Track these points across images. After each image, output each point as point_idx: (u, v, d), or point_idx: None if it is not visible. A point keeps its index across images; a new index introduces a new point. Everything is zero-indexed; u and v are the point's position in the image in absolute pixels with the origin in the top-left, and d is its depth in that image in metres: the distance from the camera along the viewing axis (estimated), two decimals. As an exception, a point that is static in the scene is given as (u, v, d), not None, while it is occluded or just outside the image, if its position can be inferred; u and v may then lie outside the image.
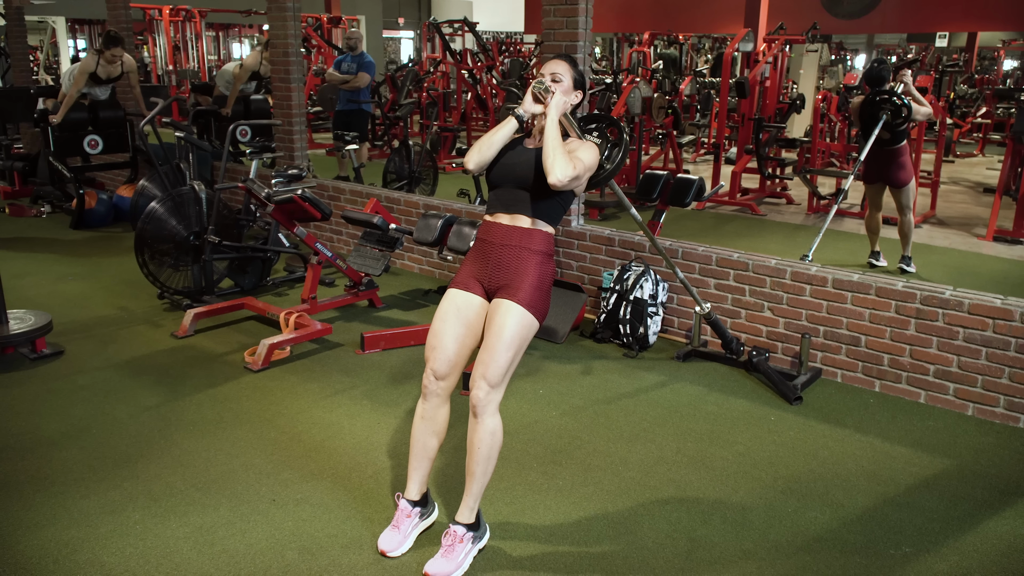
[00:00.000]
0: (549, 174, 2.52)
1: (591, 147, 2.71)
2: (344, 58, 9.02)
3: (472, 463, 2.57)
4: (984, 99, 15.44)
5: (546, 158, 2.54)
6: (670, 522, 2.89)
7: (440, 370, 2.64)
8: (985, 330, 3.69)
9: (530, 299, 2.59)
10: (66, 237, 7.02)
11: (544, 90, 2.66)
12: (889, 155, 5.96)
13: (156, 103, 5.89)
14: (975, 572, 2.64)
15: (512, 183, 2.68)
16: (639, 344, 4.51)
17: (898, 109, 5.76)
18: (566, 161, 2.53)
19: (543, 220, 2.67)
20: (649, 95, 9.71)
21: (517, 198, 2.67)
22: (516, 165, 2.68)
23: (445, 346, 2.64)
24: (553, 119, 2.62)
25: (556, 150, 2.54)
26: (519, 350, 2.59)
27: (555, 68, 2.72)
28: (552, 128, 2.59)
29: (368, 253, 4.98)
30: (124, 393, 3.90)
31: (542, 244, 2.67)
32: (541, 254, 2.66)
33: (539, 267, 2.64)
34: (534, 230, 2.66)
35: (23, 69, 9.97)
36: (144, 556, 2.64)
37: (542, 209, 2.66)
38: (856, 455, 3.40)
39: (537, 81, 2.69)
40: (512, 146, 2.75)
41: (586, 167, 2.65)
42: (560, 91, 2.68)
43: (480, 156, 2.70)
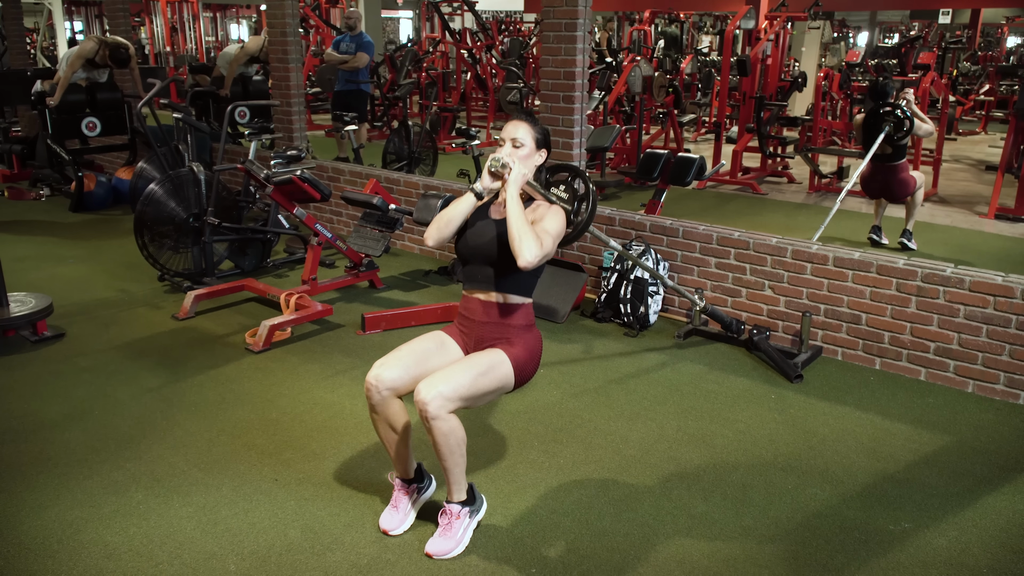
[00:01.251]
0: (518, 258, 2.42)
1: (557, 213, 2.62)
2: (343, 38, 8.96)
3: (440, 460, 2.51)
4: (987, 76, 15.36)
5: (512, 242, 2.43)
6: (671, 499, 2.90)
7: (388, 376, 2.52)
8: (986, 307, 3.69)
9: (515, 354, 2.58)
10: (65, 220, 7.01)
11: (501, 166, 2.55)
12: (890, 171, 6.05)
13: (154, 84, 5.86)
14: (974, 547, 2.66)
15: (480, 260, 2.61)
16: (640, 323, 4.51)
17: (900, 122, 5.83)
18: (533, 241, 2.42)
19: (518, 294, 2.63)
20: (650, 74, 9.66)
21: (487, 275, 2.61)
22: (481, 244, 2.60)
23: (406, 355, 2.58)
24: (514, 195, 2.50)
25: (521, 231, 2.43)
26: (486, 388, 2.49)
27: (515, 133, 2.62)
28: (514, 207, 2.47)
29: (368, 234, 4.98)
30: (126, 375, 3.91)
31: (523, 318, 2.64)
32: (522, 327, 2.64)
33: (523, 337, 2.62)
34: (511, 305, 2.62)
35: (20, 51, 9.92)
36: (147, 535, 2.66)
37: (515, 283, 2.60)
38: (856, 432, 3.41)
39: (493, 158, 2.57)
40: (478, 215, 2.66)
41: (554, 237, 2.55)
42: (521, 159, 2.59)
43: (439, 234, 2.62)
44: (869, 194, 6.30)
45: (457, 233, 2.67)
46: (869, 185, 6.21)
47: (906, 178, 6.03)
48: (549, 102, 4.93)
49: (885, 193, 6.16)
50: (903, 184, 6.04)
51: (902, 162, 6.02)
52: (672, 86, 10.18)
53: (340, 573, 2.49)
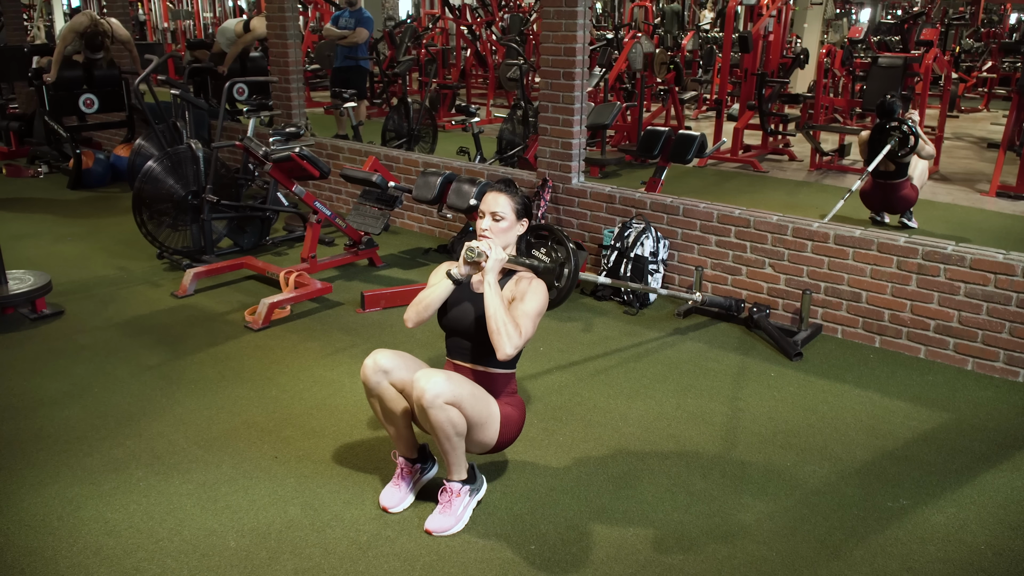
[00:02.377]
0: (497, 351, 2.44)
1: (538, 289, 2.60)
2: (342, 13, 8.89)
3: (440, 444, 2.53)
4: (990, 53, 15.25)
5: (491, 335, 2.45)
6: (670, 477, 2.91)
7: (383, 361, 2.56)
8: (986, 285, 3.68)
9: (507, 413, 2.63)
10: (64, 197, 6.99)
11: (477, 255, 2.52)
12: (892, 188, 6.08)
13: (151, 60, 5.82)
14: (972, 524, 2.66)
15: (462, 335, 2.65)
16: (640, 301, 4.50)
17: (906, 137, 5.83)
18: (512, 332, 2.44)
19: (501, 367, 2.65)
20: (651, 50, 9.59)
21: (470, 350, 2.65)
22: (463, 319, 2.62)
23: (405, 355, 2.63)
24: (492, 283, 2.49)
25: (500, 323, 2.44)
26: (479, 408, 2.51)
27: (495, 207, 2.61)
28: (492, 298, 2.47)
29: (367, 212, 4.96)
30: (125, 352, 3.91)
31: (504, 387, 2.68)
32: (506, 394, 2.68)
33: (506, 407, 2.65)
34: (495, 375, 2.65)
35: (17, 28, 9.85)
36: (148, 512, 2.67)
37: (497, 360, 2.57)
38: (855, 410, 3.42)
39: (467, 247, 2.54)
40: (460, 292, 2.66)
41: (535, 318, 2.55)
42: (500, 232, 2.59)
43: (418, 317, 2.62)
44: (870, 208, 6.33)
45: (440, 311, 2.69)
46: (870, 199, 6.25)
47: (907, 194, 6.07)
48: (549, 79, 4.89)
49: (886, 207, 6.22)
50: (905, 199, 6.09)
51: (904, 180, 6.04)
52: (673, 63, 10.11)
53: (340, 549, 2.50)
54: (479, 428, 2.54)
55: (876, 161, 5.86)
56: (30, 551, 2.48)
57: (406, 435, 2.70)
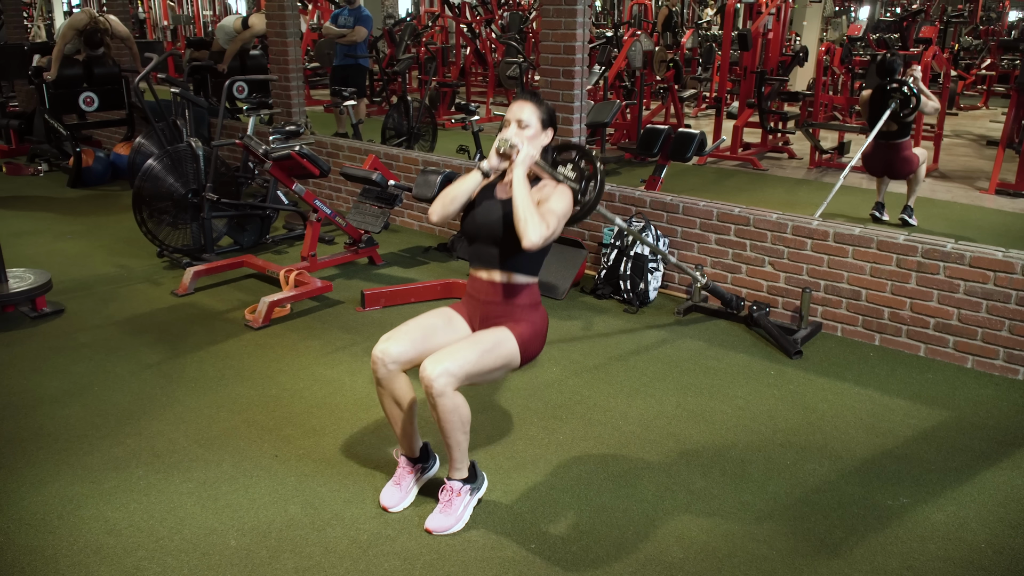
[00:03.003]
0: (523, 238, 2.42)
1: (564, 193, 2.61)
2: (341, 12, 8.88)
3: (445, 437, 2.52)
4: (989, 50, 15.24)
5: (517, 223, 2.44)
6: (670, 475, 2.91)
7: (394, 351, 2.51)
8: (986, 283, 3.68)
9: (520, 332, 2.57)
10: (64, 195, 6.99)
11: (509, 147, 2.55)
12: (894, 148, 6.02)
13: (151, 59, 5.81)
14: (972, 522, 2.67)
15: (486, 239, 2.61)
16: (639, 300, 4.51)
17: (907, 99, 5.79)
18: (538, 222, 2.43)
19: (524, 273, 2.62)
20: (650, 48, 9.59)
21: (493, 255, 2.61)
22: (487, 223, 2.59)
23: (414, 329, 2.58)
24: (520, 177, 2.51)
25: (527, 212, 2.44)
26: (492, 364, 2.48)
27: (520, 114, 2.60)
28: (520, 188, 2.48)
29: (367, 210, 4.96)
30: (125, 351, 3.91)
31: (528, 298, 2.64)
32: (528, 307, 2.64)
33: (529, 317, 2.62)
34: (516, 285, 2.62)
35: (17, 25, 9.84)
36: (148, 511, 2.67)
37: (520, 263, 2.59)
38: (855, 408, 3.42)
39: (501, 138, 2.56)
40: (484, 195, 2.66)
41: (560, 218, 2.54)
42: (528, 140, 2.58)
43: (444, 211, 2.62)
44: (871, 171, 6.28)
45: (463, 211, 2.67)
46: (872, 162, 6.18)
47: (909, 155, 6.01)
48: (549, 77, 4.89)
49: (888, 171, 6.14)
50: (906, 161, 6.02)
51: (906, 140, 5.99)
52: (673, 61, 10.10)
53: (340, 549, 2.50)
54: (500, 369, 2.54)
55: (878, 126, 5.81)
56: (30, 550, 2.48)
57: (409, 431, 2.70)
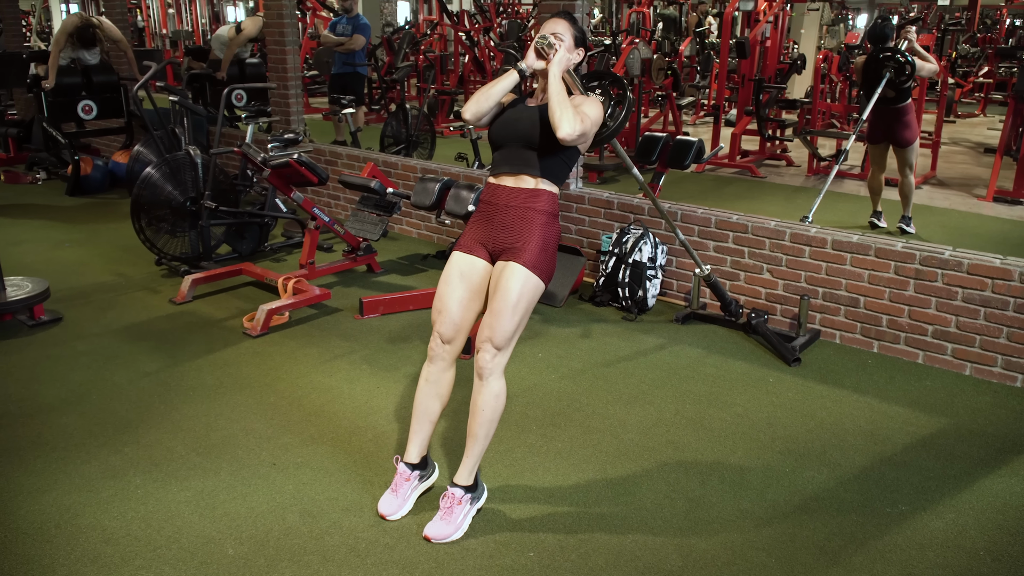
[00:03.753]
0: (558, 129, 2.46)
1: (595, 102, 2.66)
2: (339, 20, 8.90)
3: (475, 425, 2.57)
4: (986, 58, 15.29)
5: (553, 113, 2.48)
6: (668, 483, 2.91)
7: (446, 333, 2.63)
8: (984, 290, 3.69)
9: (536, 260, 2.56)
10: (62, 203, 6.99)
11: (548, 45, 2.60)
12: (894, 113, 5.92)
13: (149, 67, 5.82)
14: (971, 530, 2.66)
15: (516, 141, 2.63)
16: (638, 307, 4.51)
17: (901, 66, 5.71)
18: (574, 115, 2.48)
19: (548, 179, 2.63)
20: (648, 56, 9.61)
21: (521, 157, 2.62)
22: (519, 122, 2.63)
23: (450, 310, 2.62)
24: (556, 75, 2.56)
25: (563, 104, 2.48)
26: (525, 313, 2.56)
27: (555, 28, 2.65)
28: (556, 83, 2.54)
29: (366, 218, 4.96)
30: (123, 359, 3.90)
31: (547, 204, 2.63)
32: (546, 214, 2.62)
33: (544, 227, 2.61)
34: (539, 190, 2.61)
35: (15, 34, 9.85)
36: (146, 520, 2.66)
37: (547, 167, 2.62)
38: (854, 415, 3.42)
39: (540, 36, 2.62)
40: (513, 105, 2.71)
41: (593, 122, 2.59)
42: (563, 48, 2.63)
43: (477, 107, 2.65)
44: (873, 139, 6.08)
45: (493, 117, 2.70)
46: (874, 129, 6.07)
47: (910, 120, 5.92)
48: (547, 85, 4.90)
49: (889, 136, 6.01)
50: (907, 126, 5.91)
51: (906, 103, 5.88)
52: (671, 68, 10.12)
53: (338, 557, 2.49)
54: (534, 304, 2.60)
55: (873, 99, 5.74)
56: (27, 559, 2.47)
57: (426, 432, 2.73)
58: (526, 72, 2.66)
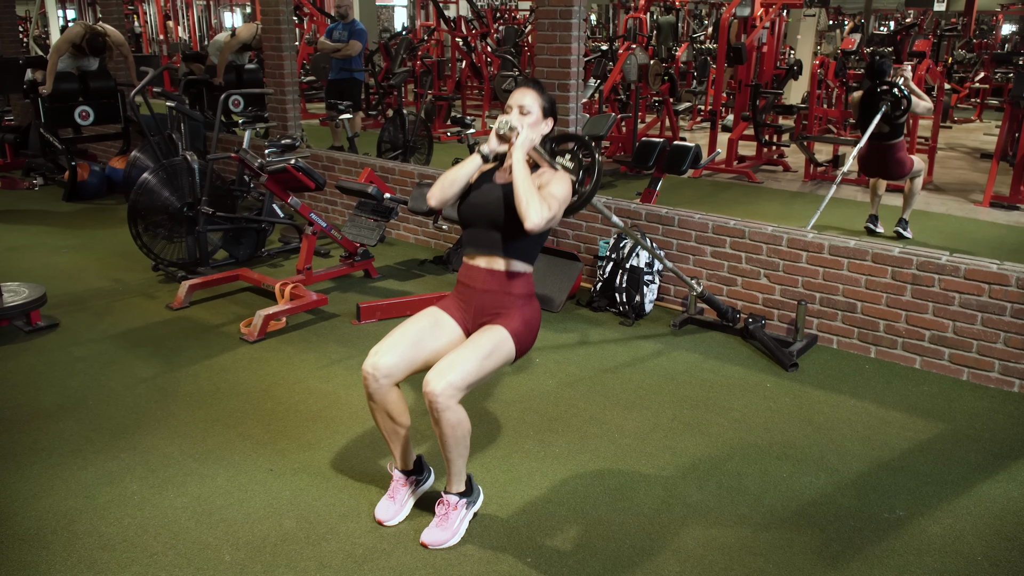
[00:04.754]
0: (524, 220, 2.40)
1: (563, 179, 2.60)
2: (335, 26, 8.91)
3: (445, 450, 2.50)
4: (982, 64, 15.33)
5: (518, 203, 2.42)
6: (666, 488, 2.90)
7: (384, 364, 2.48)
8: (981, 295, 3.69)
9: (517, 330, 2.55)
10: (59, 209, 6.98)
11: (509, 129, 2.55)
12: (887, 150, 6.02)
13: (147, 73, 5.82)
14: (968, 535, 2.66)
15: (483, 223, 2.59)
16: (635, 312, 4.51)
17: (898, 100, 5.79)
18: (539, 204, 2.41)
19: (521, 260, 2.60)
20: (645, 62, 9.63)
21: (491, 239, 2.58)
22: (486, 204, 2.57)
23: (399, 344, 2.52)
24: (520, 159, 2.50)
25: (528, 193, 2.42)
26: (490, 370, 2.47)
27: (522, 100, 2.60)
28: (520, 170, 2.47)
29: (363, 223, 4.96)
30: (120, 365, 3.90)
31: (523, 287, 2.62)
32: (523, 296, 2.61)
33: (523, 309, 2.60)
34: (513, 273, 2.59)
35: (12, 40, 9.85)
36: (143, 526, 2.65)
37: (518, 249, 2.58)
38: (851, 420, 3.42)
39: (501, 121, 2.56)
40: (482, 179, 2.65)
41: (561, 202, 2.53)
42: (528, 126, 2.58)
43: (443, 193, 2.60)
44: (866, 173, 6.26)
45: (460, 197, 2.66)
46: (867, 164, 6.18)
47: (903, 157, 6.00)
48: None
49: (883, 172, 6.12)
50: (900, 163, 6.00)
51: (899, 141, 5.96)
52: (668, 74, 10.15)
53: (335, 563, 2.49)
54: (498, 369, 2.54)
55: (870, 129, 5.81)
56: (23, 565, 2.46)
57: (403, 445, 2.68)
58: (488, 156, 2.60)
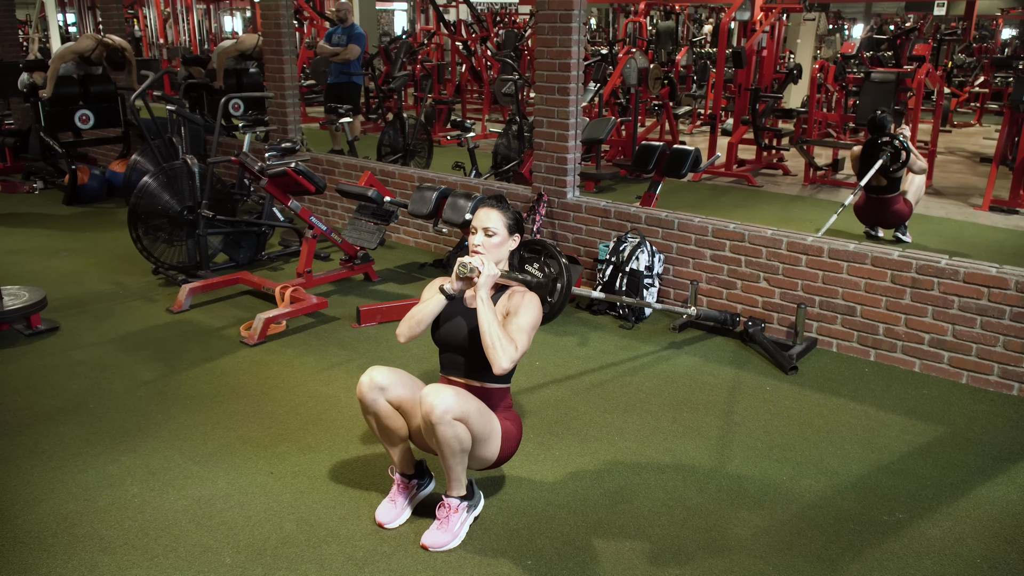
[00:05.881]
0: (493, 365, 2.43)
1: (531, 303, 2.60)
2: (335, 30, 8.93)
3: (444, 459, 2.52)
4: (982, 68, 15.35)
5: (486, 348, 2.44)
6: (666, 491, 2.90)
7: (380, 379, 2.54)
8: (980, 299, 3.70)
9: (505, 426, 2.62)
10: (59, 213, 6.98)
11: (470, 270, 2.53)
12: (884, 203, 6.13)
13: (147, 76, 5.83)
14: (968, 537, 2.67)
15: (456, 350, 2.64)
16: (635, 316, 4.51)
17: (897, 152, 5.88)
18: (506, 345, 2.43)
19: (496, 382, 2.65)
20: (645, 66, 9.64)
21: (465, 363, 2.64)
22: (456, 334, 2.61)
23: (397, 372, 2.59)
24: (484, 299, 2.49)
25: (494, 338, 2.43)
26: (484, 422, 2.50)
27: (487, 222, 2.60)
28: (485, 313, 2.46)
29: (363, 226, 4.97)
30: (120, 368, 3.90)
31: (500, 399, 2.67)
32: (502, 408, 2.67)
33: (505, 422, 2.64)
34: (490, 390, 2.64)
35: (12, 44, 9.86)
36: (143, 529, 2.65)
37: (492, 374, 2.58)
38: (851, 423, 3.42)
39: (460, 263, 2.54)
40: (452, 307, 2.65)
41: (530, 332, 2.54)
42: (493, 248, 2.59)
43: (410, 331, 2.61)
44: (863, 222, 6.38)
45: (433, 326, 2.68)
46: (863, 214, 6.30)
47: (899, 209, 6.12)
48: (544, 94, 4.92)
49: (880, 223, 6.28)
50: (897, 214, 6.14)
51: (896, 195, 6.08)
52: (667, 78, 10.16)
53: (336, 566, 2.49)
54: (483, 444, 2.54)
55: (868, 176, 5.90)
56: (24, 568, 2.47)
57: (403, 452, 2.70)
58: (453, 296, 2.60)
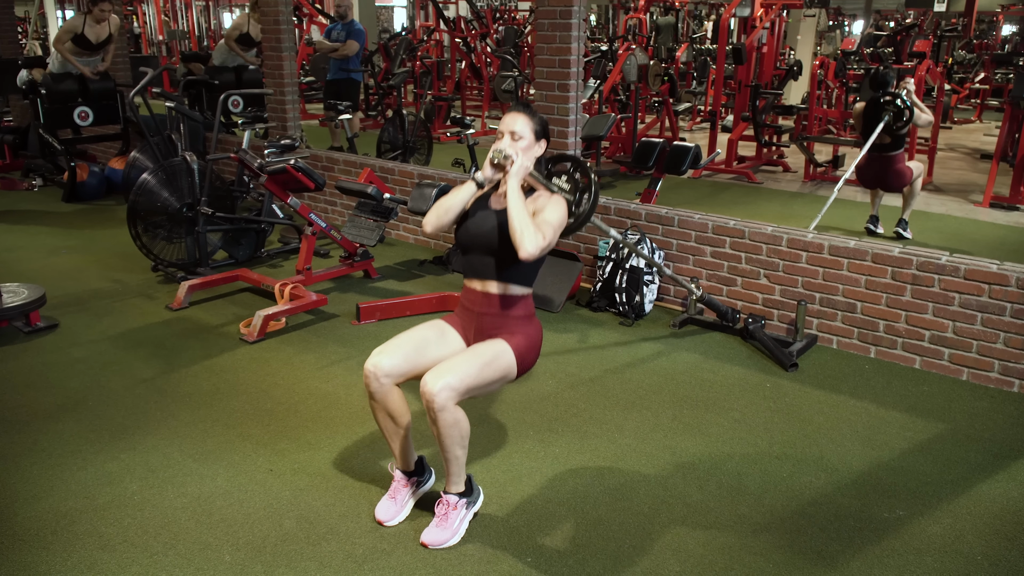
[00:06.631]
0: (519, 249, 2.41)
1: (558, 203, 2.60)
2: (334, 26, 8.92)
3: (443, 451, 2.51)
4: (982, 64, 15.34)
5: (513, 233, 2.42)
6: (666, 488, 2.90)
7: (386, 364, 2.50)
8: (981, 295, 3.69)
9: (517, 343, 2.57)
10: (58, 210, 6.98)
11: (504, 158, 2.54)
12: (886, 161, 6.05)
13: (146, 73, 5.82)
14: (968, 534, 2.66)
15: (480, 249, 2.60)
16: (635, 312, 4.51)
17: (901, 111, 5.83)
18: (534, 232, 2.42)
19: (518, 284, 2.61)
20: (645, 62, 9.63)
21: (488, 265, 2.59)
22: (481, 233, 2.58)
23: (402, 346, 2.56)
24: (515, 188, 2.49)
25: (523, 222, 2.42)
26: (489, 380, 2.48)
27: (513, 125, 2.58)
28: (515, 199, 2.47)
29: (363, 223, 4.97)
30: (120, 365, 3.89)
31: (522, 309, 2.63)
32: (523, 318, 2.63)
33: (523, 327, 2.61)
34: (511, 296, 2.61)
35: (11, 40, 9.85)
36: (143, 526, 2.65)
37: (515, 274, 2.58)
38: (851, 420, 3.42)
39: (495, 149, 2.55)
40: (478, 205, 2.64)
41: (556, 229, 2.53)
42: (522, 151, 2.57)
43: (438, 221, 2.60)
44: (864, 183, 6.31)
45: (457, 222, 2.66)
46: (865, 174, 6.21)
47: (902, 168, 6.03)
48: (544, 90, 4.91)
49: (880, 183, 6.17)
50: (899, 174, 6.04)
51: (899, 152, 6.01)
52: (667, 74, 10.15)
53: (335, 563, 2.49)
54: (498, 382, 2.53)
55: (871, 139, 5.83)
56: (24, 566, 2.46)
57: (404, 445, 2.68)
58: (483, 184, 2.60)
